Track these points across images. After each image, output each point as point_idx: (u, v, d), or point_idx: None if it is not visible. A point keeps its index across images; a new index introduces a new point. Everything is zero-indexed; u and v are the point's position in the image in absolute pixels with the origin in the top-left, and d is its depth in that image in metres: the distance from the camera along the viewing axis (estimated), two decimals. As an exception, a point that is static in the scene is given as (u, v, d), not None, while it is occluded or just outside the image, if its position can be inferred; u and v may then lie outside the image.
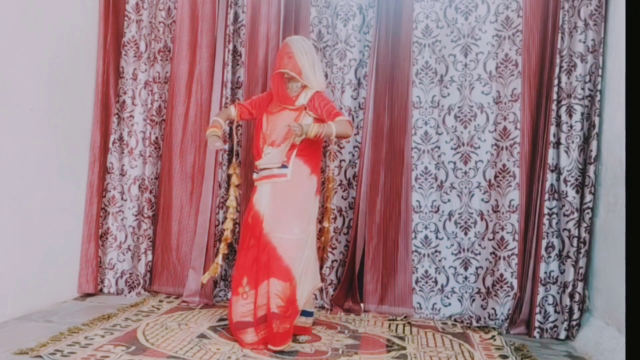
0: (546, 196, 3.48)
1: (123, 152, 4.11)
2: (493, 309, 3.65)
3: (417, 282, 3.83)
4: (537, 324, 3.46)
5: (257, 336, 2.98)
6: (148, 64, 4.14)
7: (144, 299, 3.93)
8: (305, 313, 3.18)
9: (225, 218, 3.47)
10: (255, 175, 3.24)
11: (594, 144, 3.36)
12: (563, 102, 3.50)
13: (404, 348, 3.08)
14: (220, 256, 3.42)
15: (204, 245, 3.91)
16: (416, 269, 3.84)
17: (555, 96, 3.48)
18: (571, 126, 3.47)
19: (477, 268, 3.75)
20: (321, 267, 3.68)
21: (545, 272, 3.48)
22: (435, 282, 3.82)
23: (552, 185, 3.50)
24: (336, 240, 3.93)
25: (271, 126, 3.20)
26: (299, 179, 3.13)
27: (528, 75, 3.67)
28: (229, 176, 4.01)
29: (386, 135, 3.88)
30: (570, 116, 3.47)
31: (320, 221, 3.51)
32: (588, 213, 3.37)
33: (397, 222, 3.86)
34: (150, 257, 4.12)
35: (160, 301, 3.89)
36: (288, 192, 3.12)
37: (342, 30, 3.96)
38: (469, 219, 3.77)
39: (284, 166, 3.12)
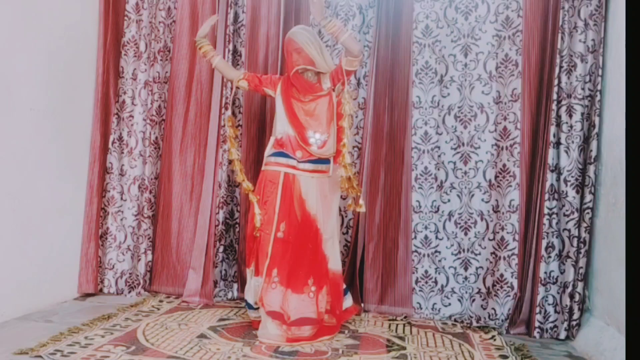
0: (546, 196, 3.48)
1: (123, 152, 4.11)
2: (493, 309, 3.65)
3: (417, 282, 3.83)
4: (537, 324, 3.46)
5: (313, 331, 3.13)
6: (148, 64, 4.14)
7: (144, 299, 3.93)
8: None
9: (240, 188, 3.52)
10: (295, 164, 3.21)
11: (594, 144, 3.36)
12: (563, 102, 3.50)
13: (404, 348, 3.08)
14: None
15: (204, 245, 3.91)
16: (416, 269, 3.84)
17: (555, 96, 3.48)
18: (571, 126, 3.47)
19: (477, 268, 3.75)
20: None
21: (545, 272, 3.48)
22: (435, 282, 3.82)
23: (552, 185, 3.50)
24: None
25: (307, 115, 3.25)
26: (334, 176, 3.29)
27: (528, 75, 3.67)
28: (233, 182, 4.05)
29: (386, 136, 3.88)
30: (570, 116, 3.47)
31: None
32: (588, 213, 3.37)
33: (397, 222, 3.86)
34: (150, 257, 4.12)
35: (160, 301, 3.89)
36: (329, 189, 3.29)
37: (342, 30, 3.96)
38: (469, 219, 3.77)
39: (328, 160, 3.27)
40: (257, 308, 3.22)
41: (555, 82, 3.48)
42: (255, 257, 3.24)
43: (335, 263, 3.31)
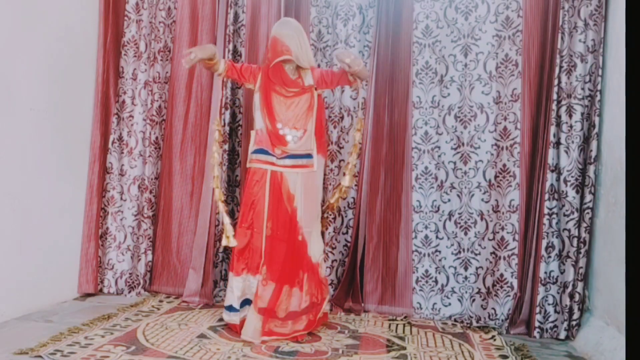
0: (546, 196, 3.48)
1: (123, 152, 4.11)
2: (493, 309, 3.65)
3: (417, 281, 3.83)
4: (537, 324, 3.45)
5: (305, 322, 3.18)
6: (148, 64, 4.14)
7: (144, 299, 3.93)
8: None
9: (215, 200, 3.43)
10: (274, 160, 3.22)
11: (594, 144, 3.36)
12: (563, 102, 3.50)
13: (404, 348, 3.08)
14: (225, 216, 3.30)
15: (204, 246, 3.91)
16: (416, 269, 3.84)
17: (555, 96, 3.48)
18: (571, 126, 3.47)
19: (477, 268, 3.75)
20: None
21: (545, 272, 3.48)
22: (436, 281, 3.82)
23: (552, 185, 3.50)
24: (336, 240, 3.93)
25: (287, 110, 3.25)
26: (319, 170, 3.35)
27: (528, 75, 3.67)
28: (232, 181, 4.06)
29: (386, 135, 3.88)
30: (570, 116, 3.47)
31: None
32: (588, 213, 3.37)
33: (397, 222, 3.86)
34: (150, 257, 4.12)
35: (160, 301, 3.89)
36: (312, 184, 3.30)
37: (342, 30, 3.96)
38: (469, 219, 3.77)
39: (309, 155, 3.28)
40: (237, 310, 3.23)
41: (555, 82, 3.48)
42: (245, 258, 3.24)
43: (313, 251, 3.29)
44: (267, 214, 3.20)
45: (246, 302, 3.24)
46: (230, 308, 3.25)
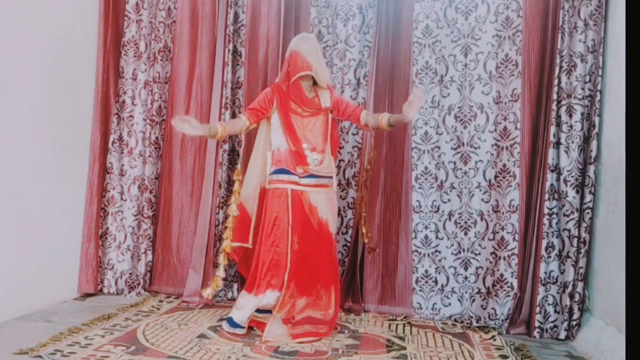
0: (546, 196, 3.48)
1: (123, 152, 4.11)
2: (493, 309, 3.65)
3: (417, 282, 3.83)
4: (537, 324, 3.46)
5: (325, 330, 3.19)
6: (148, 64, 4.14)
7: (144, 299, 3.93)
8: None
9: (225, 227, 3.39)
10: (296, 179, 3.23)
11: (594, 144, 3.36)
12: (563, 102, 3.50)
13: (404, 348, 3.08)
14: (221, 268, 3.35)
15: (204, 246, 3.91)
16: (416, 269, 3.84)
17: (555, 96, 3.48)
18: (571, 126, 3.47)
19: (477, 268, 3.75)
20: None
21: (545, 272, 3.48)
22: (436, 282, 3.82)
23: (552, 185, 3.50)
24: (335, 240, 3.93)
25: (304, 129, 3.27)
26: (335, 188, 3.42)
27: (528, 75, 3.67)
28: (232, 182, 4.05)
29: (386, 135, 3.88)
30: (570, 116, 3.47)
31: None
32: (588, 213, 3.37)
33: (397, 222, 3.86)
34: (150, 257, 4.12)
35: (160, 301, 3.89)
36: (333, 202, 3.36)
37: (342, 30, 3.96)
38: (469, 219, 3.77)
39: (330, 176, 3.33)
40: (243, 327, 3.21)
41: (555, 82, 3.48)
42: (271, 276, 3.18)
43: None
44: (291, 228, 3.18)
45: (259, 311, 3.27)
46: (235, 324, 3.21)
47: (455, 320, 3.72)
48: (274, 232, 3.19)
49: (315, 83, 3.33)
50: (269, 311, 3.22)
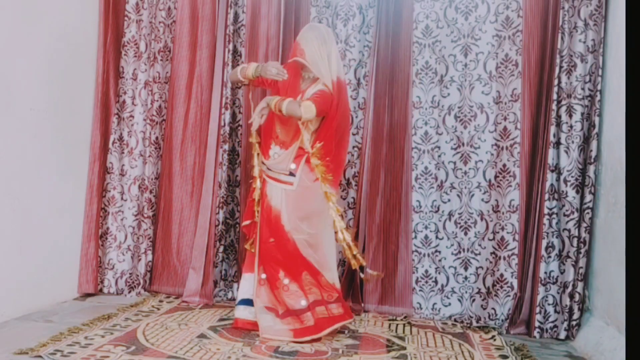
0: (546, 196, 3.48)
1: (123, 152, 4.11)
2: (493, 309, 3.65)
3: (417, 281, 3.83)
4: (537, 324, 3.46)
5: (314, 319, 3.10)
6: (148, 64, 4.14)
7: (144, 299, 3.93)
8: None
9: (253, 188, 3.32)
10: (264, 169, 3.26)
11: (594, 144, 3.36)
12: (563, 102, 3.50)
13: (404, 348, 3.08)
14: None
15: (204, 246, 3.91)
16: (416, 269, 3.84)
17: (555, 96, 3.48)
18: (571, 126, 3.47)
19: (477, 268, 3.75)
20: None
21: (545, 272, 3.48)
22: (436, 282, 3.82)
23: (552, 185, 3.50)
24: (336, 239, 3.92)
25: (280, 121, 3.20)
26: (304, 186, 3.20)
27: (528, 75, 3.67)
28: (233, 180, 4.07)
29: (386, 136, 3.88)
30: (570, 116, 3.47)
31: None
32: (588, 213, 3.37)
33: (397, 222, 3.86)
34: (150, 257, 4.12)
35: (160, 301, 3.89)
36: (296, 198, 3.20)
37: (342, 30, 3.96)
38: (469, 219, 3.77)
39: (291, 174, 3.19)
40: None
41: (555, 82, 3.48)
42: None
43: (314, 259, 3.21)
44: (259, 216, 3.24)
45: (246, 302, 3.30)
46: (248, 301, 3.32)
47: (455, 320, 3.72)
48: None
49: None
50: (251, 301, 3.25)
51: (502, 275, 3.64)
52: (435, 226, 3.84)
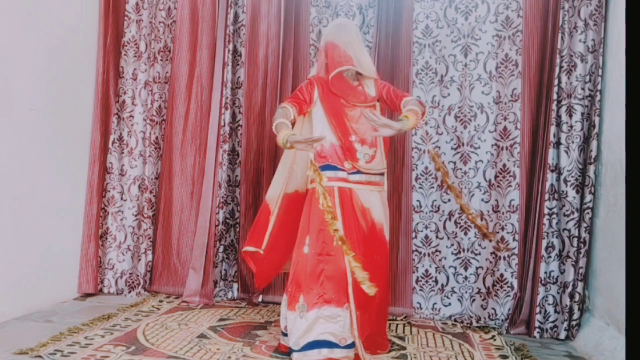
0: (546, 196, 3.48)
1: (123, 152, 4.11)
2: (493, 309, 3.65)
3: (417, 281, 3.83)
4: (537, 324, 3.46)
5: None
6: (148, 64, 4.14)
7: (144, 299, 3.93)
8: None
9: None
10: (347, 177, 2.84)
11: (594, 144, 3.36)
12: (563, 102, 3.50)
13: (404, 348, 3.08)
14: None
15: (204, 246, 3.91)
16: (416, 269, 3.84)
17: (555, 96, 3.48)
18: (571, 126, 3.47)
19: (477, 268, 3.75)
20: None
21: (545, 272, 3.49)
22: (436, 281, 3.82)
23: (552, 185, 3.50)
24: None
25: (352, 121, 2.89)
26: (386, 188, 3.01)
27: (528, 75, 3.67)
28: (233, 181, 4.02)
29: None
30: (570, 116, 3.47)
31: None
32: (588, 213, 3.37)
33: (397, 221, 3.86)
34: (150, 257, 4.12)
35: (160, 301, 3.89)
36: (386, 204, 2.97)
37: (342, 30, 3.95)
38: (469, 219, 3.77)
39: (382, 174, 2.94)
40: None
41: (555, 82, 3.48)
42: (322, 289, 2.70)
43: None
44: (343, 233, 2.65)
45: (321, 345, 2.68)
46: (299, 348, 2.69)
47: (455, 320, 3.72)
48: (321, 239, 2.72)
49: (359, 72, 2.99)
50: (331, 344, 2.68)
51: (502, 275, 3.65)
52: (435, 226, 3.84)
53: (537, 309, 3.46)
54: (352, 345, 2.70)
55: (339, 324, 2.67)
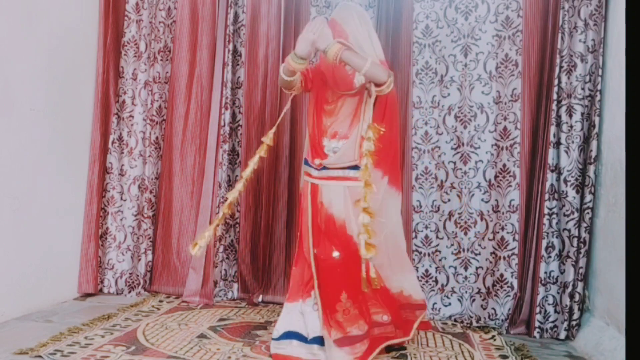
0: (546, 196, 3.48)
1: (123, 152, 4.11)
2: (493, 309, 3.65)
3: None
4: (537, 324, 3.45)
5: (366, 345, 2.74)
6: (148, 64, 4.14)
7: (144, 299, 3.93)
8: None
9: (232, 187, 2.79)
10: (312, 171, 2.81)
11: (594, 144, 3.36)
12: (563, 102, 3.50)
13: (404, 348, 3.08)
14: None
15: (204, 246, 3.90)
16: (416, 269, 3.84)
17: (555, 96, 3.48)
18: (571, 126, 3.47)
19: (477, 268, 3.75)
20: None
21: (545, 272, 3.48)
22: (436, 281, 3.82)
23: (552, 185, 3.50)
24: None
25: (327, 115, 2.79)
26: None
27: (528, 75, 3.67)
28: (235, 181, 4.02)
29: (386, 135, 3.88)
30: (570, 116, 3.47)
31: None
32: (588, 213, 3.37)
33: (397, 222, 3.86)
34: (150, 257, 4.12)
35: (160, 301, 3.89)
36: (356, 198, 2.68)
37: (342, 30, 3.95)
38: (469, 219, 3.77)
39: (355, 167, 2.70)
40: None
41: (555, 82, 3.48)
42: (304, 284, 2.79)
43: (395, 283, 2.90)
44: (311, 230, 2.75)
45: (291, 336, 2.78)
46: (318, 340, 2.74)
47: (455, 320, 3.72)
48: (299, 235, 2.87)
49: None
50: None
51: (502, 275, 3.64)
52: (435, 226, 3.84)
53: (537, 309, 3.46)
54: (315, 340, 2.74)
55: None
